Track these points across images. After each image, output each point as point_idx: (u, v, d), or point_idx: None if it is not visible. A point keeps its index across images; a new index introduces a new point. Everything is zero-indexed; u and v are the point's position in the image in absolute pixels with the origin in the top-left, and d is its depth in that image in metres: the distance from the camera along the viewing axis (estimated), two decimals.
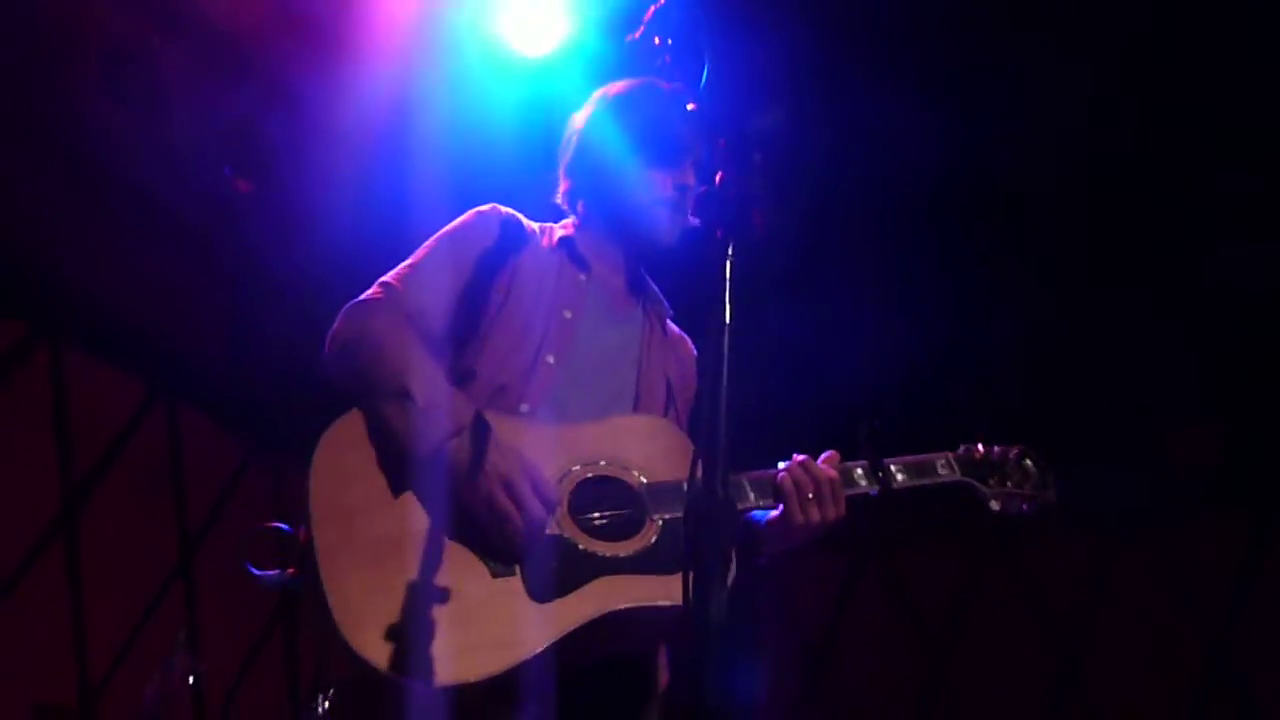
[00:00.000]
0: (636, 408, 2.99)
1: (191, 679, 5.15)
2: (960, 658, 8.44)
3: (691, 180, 3.01)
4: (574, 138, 3.22)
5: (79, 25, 5.36)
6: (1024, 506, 3.06)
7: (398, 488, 2.63)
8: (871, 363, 6.56)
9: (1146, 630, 7.80)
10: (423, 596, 2.50)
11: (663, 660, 2.85)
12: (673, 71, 2.63)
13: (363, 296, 2.88)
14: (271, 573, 3.64)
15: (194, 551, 7.40)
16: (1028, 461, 3.11)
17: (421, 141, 5.78)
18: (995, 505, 3.03)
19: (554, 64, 5.35)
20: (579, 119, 3.23)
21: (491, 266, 2.98)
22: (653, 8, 2.50)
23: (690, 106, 2.58)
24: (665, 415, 3.02)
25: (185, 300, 6.84)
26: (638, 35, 2.73)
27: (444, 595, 2.51)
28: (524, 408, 2.82)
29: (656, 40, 2.70)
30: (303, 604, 2.55)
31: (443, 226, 3.09)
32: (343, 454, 2.66)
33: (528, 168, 5.29)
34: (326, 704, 4.18)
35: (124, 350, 7.03)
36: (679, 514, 2.64)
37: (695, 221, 2.95)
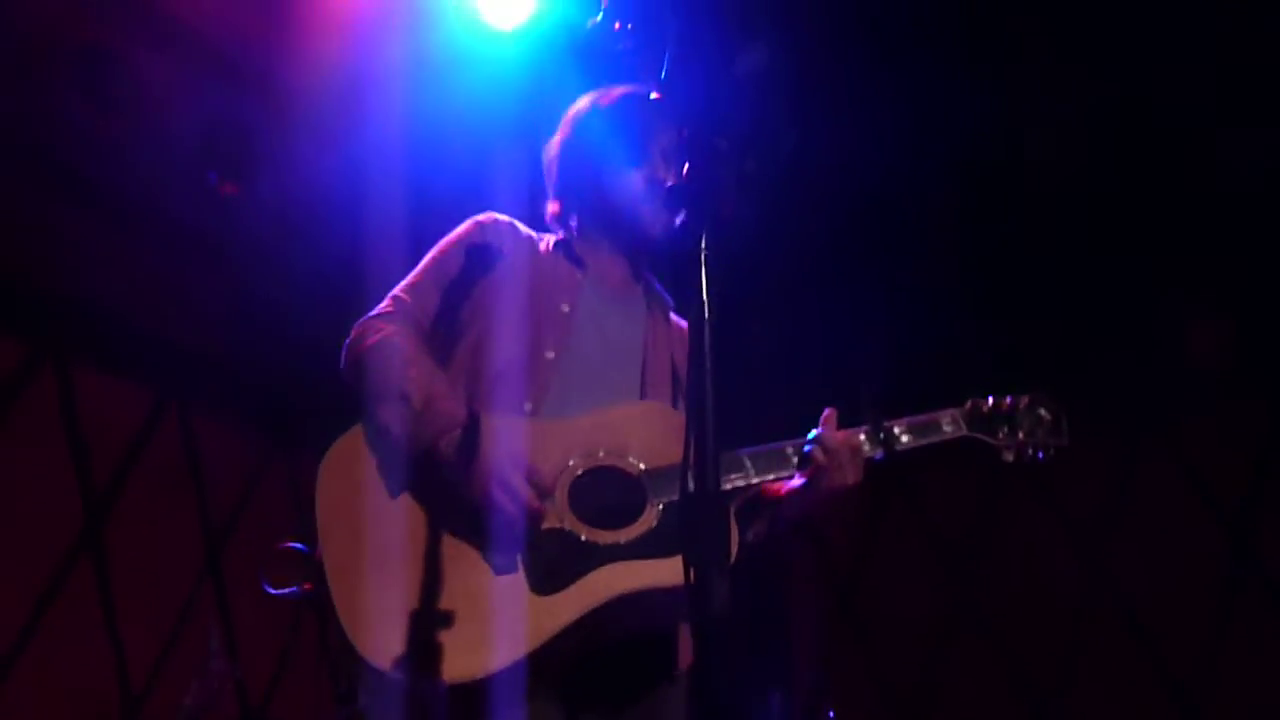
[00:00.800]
0: (643, 397, 3.05)
1: (230, 682, 5.25)
2: (987, 575, 8.47)
3: (663, 172, 3.04)
4: (554, 160, 3.31)
5: (55, 29, 5.35)
6: (1039, 455, 3.14)
7: (405, 494, 2.72)
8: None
9: (1170, 527, 7.81)
10: (427, 599, 2.58)
11: (684, 638, 2.89)
12: (634, 58, 2.66)
13: (374, 310, 2.99)
14: (289, 590, 3.73)
15: (220, 552, 7.45)
16: (1041, 410, 3.16)
17: (405, 118, 5.81)
18: (1009, 457, 3.12)
19: (527, 35, 5.38)
20: (554, 144, 3.32)
21: (489, 271, 3.06)
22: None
23: (653, 96, 2.62)
24: (674, 403, 3.07)
25: (187, 303, 6.85)
26: (598, 20, 2.75)
27: (448, 595, 2.59)
28: (526, 406, 2.88)
29: (617, 25, 2.73)
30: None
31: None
32: (346, 470, 2.76)
33: (506, 141, 5.38)
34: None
35: (130, 359, 7.04)
36: (677, 497, 2.71)
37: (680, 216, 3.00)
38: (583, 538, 2.68)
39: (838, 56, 5.56)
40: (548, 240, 3.23)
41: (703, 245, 2.19)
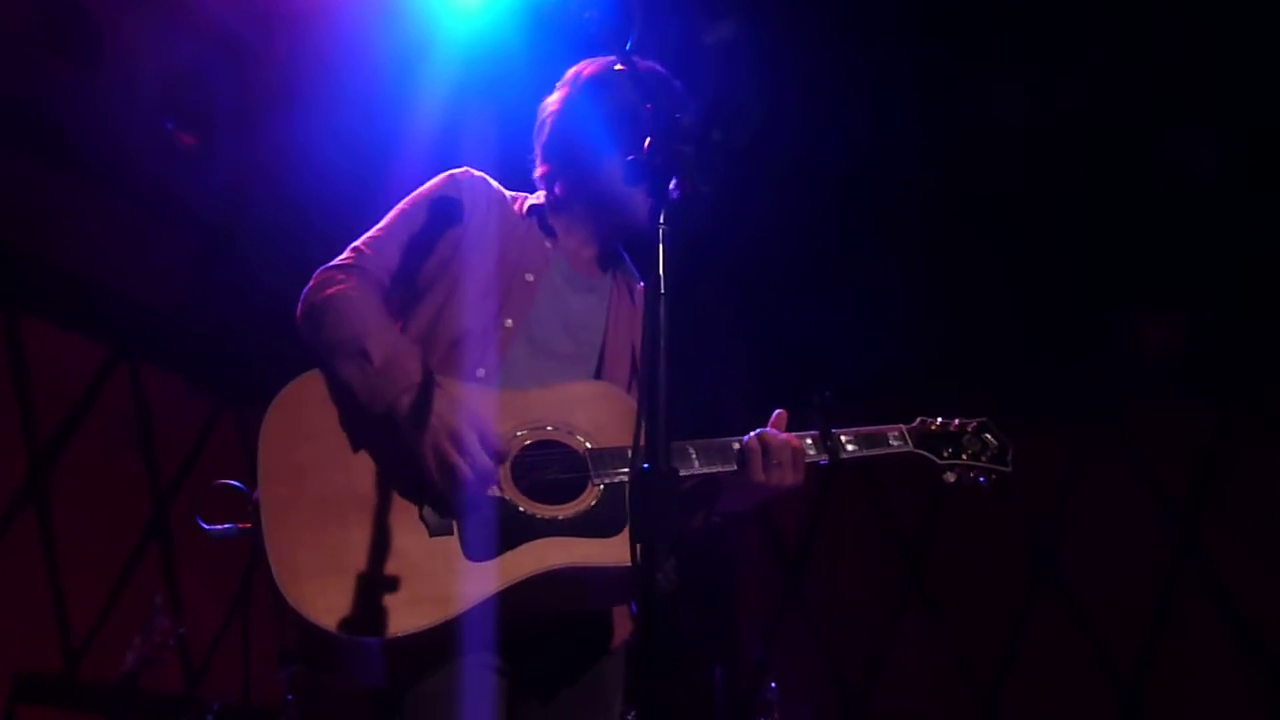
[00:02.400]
0: (599, 376, 3.02)
1: (172, 640, 5.23)
2: (935, 559, 8.56)
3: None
4: (548, 121, 3.21)
5: None
6: (980, 479, 3.13)
7: (351, 446, 2.70)
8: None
9: (1116, 516, 7.90)
10: (359, 553, 2.57)
11: (619, 615, 2.91)
12: (599, 28, 2.64)
13: (334, 261, 2.94)
14: (224, 527, 3.70)
15: (167, 510, 7.40)
16: (987, 435, 3.16)
17: (371, 79, 5.78)
18: (950, 477, 3.11)
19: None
20: (552, 102, 3.22)
21: (457, 228, 3.02)
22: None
23: (618, 68, 2.60)
24: (630, 385, 3.04)
25: (144, 257, 6.78)
26: None
27: (380, 552, 2.58)
28: (480, 372, 2.86)
29: None
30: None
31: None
32: (297, 414, 2.73)
33: (474, 106, 5.36)
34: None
35: (81, 311, 6.97)
36: (620, 478, 2.74)
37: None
38: (521, 509, 2.68)
39: (808, 41, 5.57)
40: (522, 202, 3.18)
41: (661, 221, 2.19)
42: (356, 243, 2.98)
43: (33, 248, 6.51)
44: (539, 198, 3.20)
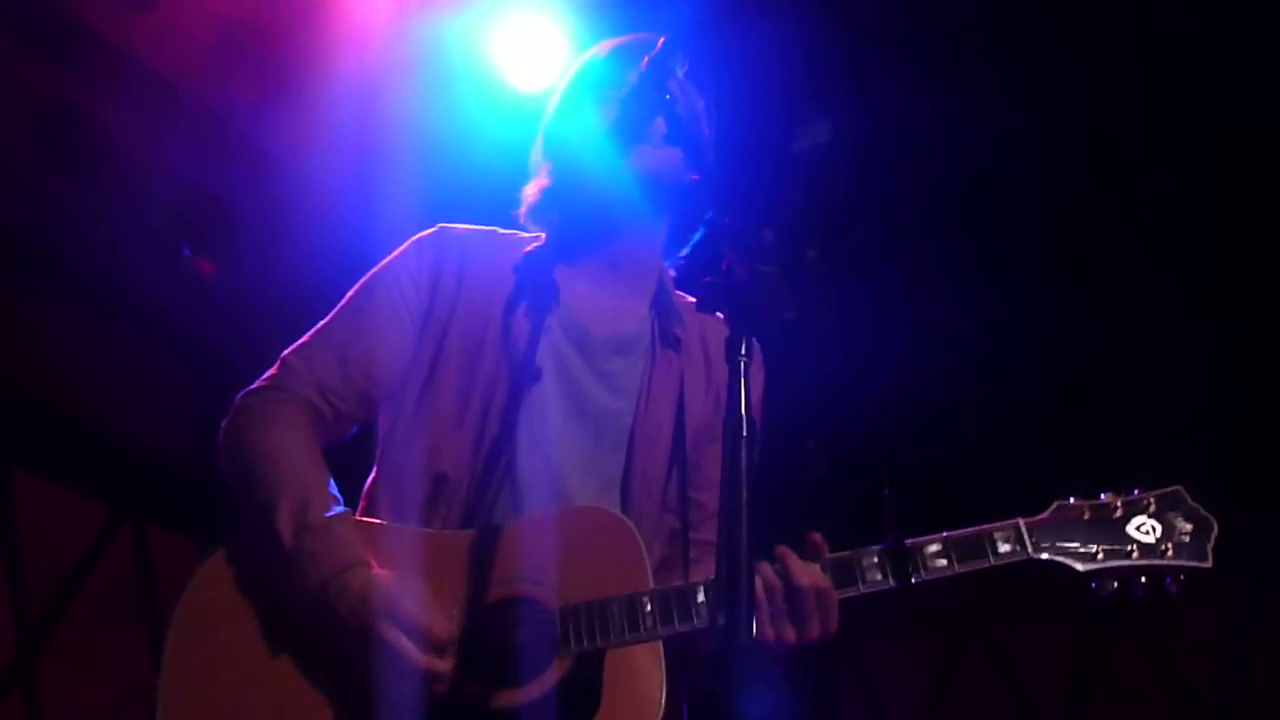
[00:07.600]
0: (630, 462, 2.85)
1: None
2: None
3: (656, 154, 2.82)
4: (539, 144, 3.11)
5: (13, 81, 5.36)
6: (1166, 580, 2.57)
7: (265, 634, 2.60)
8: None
9: None
10: None
11: None
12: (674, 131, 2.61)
13: (256, 382, 2.82)
14: None
15: None
16: (1174, 516, 2.60)
17: (411, 196, 5.82)
18: (1109, 588, 2.57)
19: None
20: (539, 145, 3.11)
21: (427, 312, 2.88)
22: (647, 58, 2.47)
23: (693, 177, 2.57)
24: (670, 466, 2.88)
25: (150, 400, 6.83)
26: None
27: None
28: (442, 510, 2.71)
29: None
30: None
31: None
32: (213, 594, 2.63)
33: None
34: None
35: (78, 465, 6.99)
36: (597, 644, 2.54)
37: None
38: (468, 696, 2.51)
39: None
40: (523, 251, 3.01)
41: (742, 353, 2.10)
42: (286, 351, 2.86)
43: (19, 387, 6.54)
44: (539, 238, 3.06)
